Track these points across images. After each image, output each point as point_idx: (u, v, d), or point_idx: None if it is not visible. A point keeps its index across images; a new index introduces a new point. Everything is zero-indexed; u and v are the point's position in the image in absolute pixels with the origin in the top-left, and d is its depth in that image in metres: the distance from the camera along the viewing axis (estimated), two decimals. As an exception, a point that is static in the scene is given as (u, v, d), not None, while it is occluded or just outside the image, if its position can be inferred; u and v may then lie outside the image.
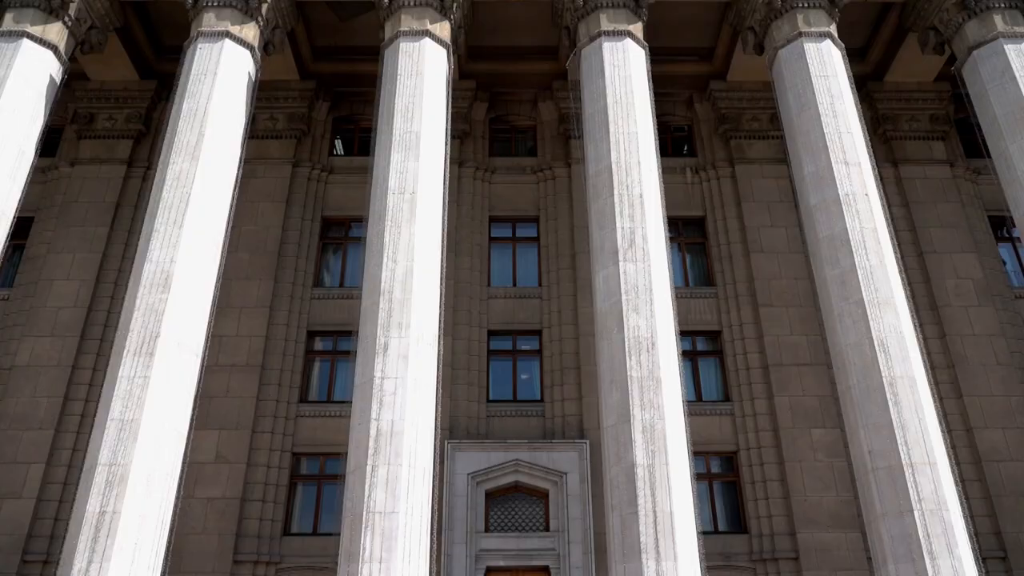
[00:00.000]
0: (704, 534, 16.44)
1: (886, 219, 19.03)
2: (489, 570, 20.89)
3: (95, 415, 16.68)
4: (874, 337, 17.32)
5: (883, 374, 16.93)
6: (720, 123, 26.72)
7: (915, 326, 17.96)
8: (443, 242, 18.99)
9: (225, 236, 19.14)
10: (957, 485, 16.40)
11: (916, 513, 15.61)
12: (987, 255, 24.80)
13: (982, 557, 16.98)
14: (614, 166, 19.37)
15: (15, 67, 20.50)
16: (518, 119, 28.04)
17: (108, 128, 26.18)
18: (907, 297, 18.31)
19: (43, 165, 24.97)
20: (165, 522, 15.79)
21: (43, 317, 23.14)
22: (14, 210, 19.58)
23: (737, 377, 23.26)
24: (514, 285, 25.20)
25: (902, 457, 16.12)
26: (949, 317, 23.54)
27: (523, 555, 21.05)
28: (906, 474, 15.95)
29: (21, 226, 22.84)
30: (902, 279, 18.46)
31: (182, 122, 19.67)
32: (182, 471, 16.68)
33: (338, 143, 27.73)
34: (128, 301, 17.44)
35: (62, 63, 21.85)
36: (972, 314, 23.55)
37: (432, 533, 15.94)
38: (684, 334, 20.10)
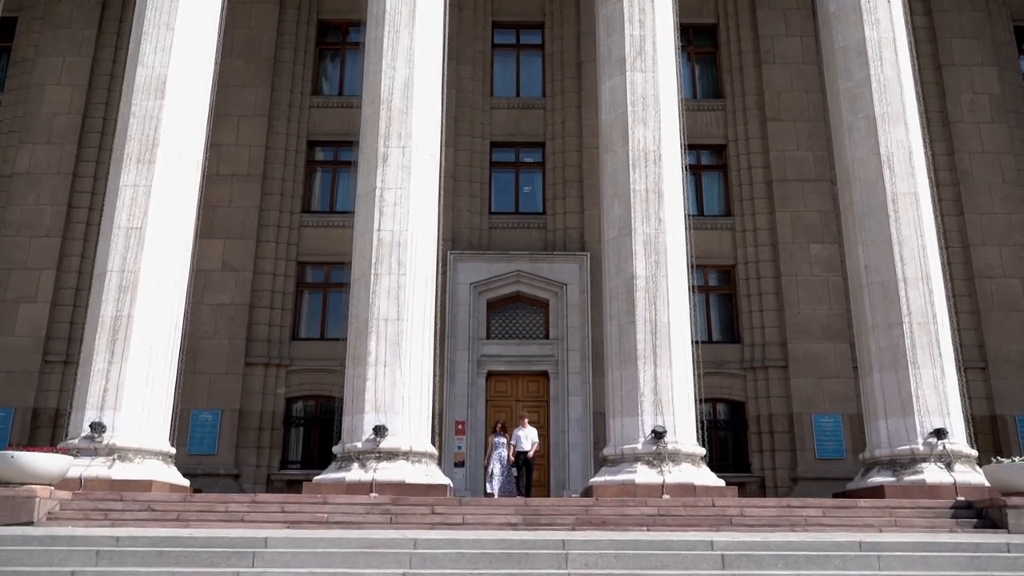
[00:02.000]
0: (699, 343, 17.05)
1: (907, 29, 18.23)
2: (490, 374, 21.88)
3: (100, 223, 16.81)
4: (881, 153, 17.15)
5: (887, 190, 16.91)
6: (740, -80, 24.95)
7: (925, 142, 17.71)
8: (444, 49, 18.28)
9: (218, 39, 18.39)
10: (948, 300, 16.84)
11: (905, 326, 16.16)
12: (1007, 68, 23.97)
13: (964, 367, 17.68)
14: (625, -33, 18.27)
15: None
16: (523, -87, 26.14)
17: (85, -81, 24.48)
18: (919, 112, 17.91)
19: (20, -40, 23.59)
20: (177, 326, 16.35)
21: (39, 123, 22.75)
22: (-5, 9, 18.77)
23: (740, 192, 23.22)
24: (517, 95, 24.57)
25: (897, 272, 16.46)
26: (960, 133, 23.13)
27: (523, 360, 21.96)
28: (899, 288, 16.35)
29: (5, 27, 21.96)
30: (917, 93, 17.98)
31: (163, -88, 18.32)
32: (190, 278, 17.07)
33: (332, -61, 25.97)
34: (124, 108, 17.07)
35: None
36: (984, 131, 23.13)
37: (435, 339, 16.54)
38: (689, 147, 19.80)
